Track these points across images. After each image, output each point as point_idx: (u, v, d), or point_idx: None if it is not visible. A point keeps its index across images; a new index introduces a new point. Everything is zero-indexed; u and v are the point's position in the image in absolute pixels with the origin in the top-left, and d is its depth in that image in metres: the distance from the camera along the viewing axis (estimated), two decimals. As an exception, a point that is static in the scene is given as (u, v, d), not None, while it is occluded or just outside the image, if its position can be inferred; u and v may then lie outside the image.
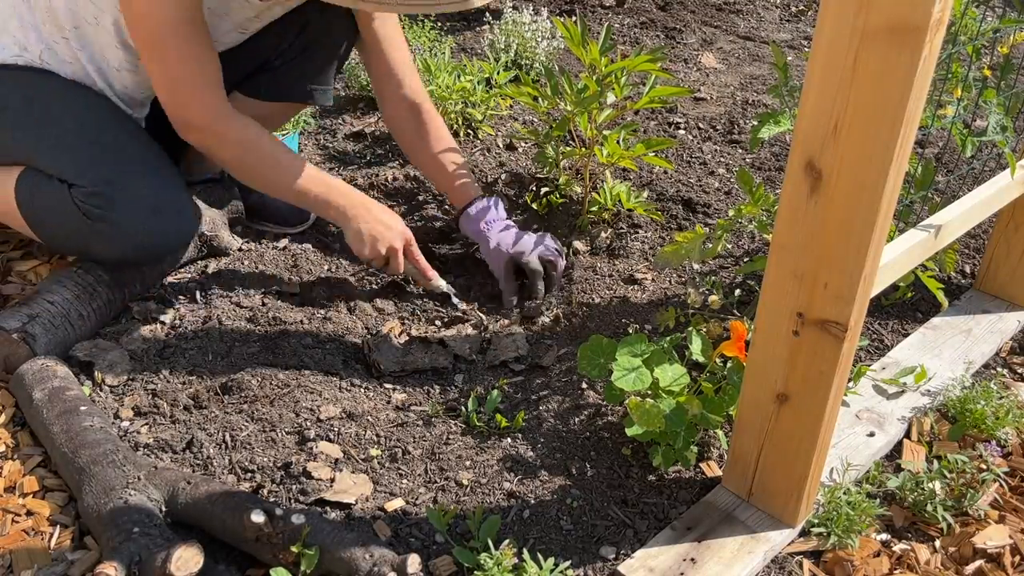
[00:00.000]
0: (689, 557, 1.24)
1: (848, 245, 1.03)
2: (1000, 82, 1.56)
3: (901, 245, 1.29)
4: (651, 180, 2.26)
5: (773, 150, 2.47)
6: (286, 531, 1.17)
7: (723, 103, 2.76)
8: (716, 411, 1.38)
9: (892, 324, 1.80)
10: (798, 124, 1.01)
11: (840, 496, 1.32)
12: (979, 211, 1.47)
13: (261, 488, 1.34)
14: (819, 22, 0.94)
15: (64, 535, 1.27)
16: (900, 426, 1.51)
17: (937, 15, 0.88)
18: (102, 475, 1.27)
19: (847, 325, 1.08)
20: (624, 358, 1.40)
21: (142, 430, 1.44)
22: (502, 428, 1.48)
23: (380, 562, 1.14)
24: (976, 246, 2.08)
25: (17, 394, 1.48)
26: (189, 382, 1.55)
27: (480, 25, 3.10)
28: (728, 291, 1.79)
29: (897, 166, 0.97)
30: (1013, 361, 1.73)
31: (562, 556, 1.25)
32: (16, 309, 1.56)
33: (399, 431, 1.47)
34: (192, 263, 1.85)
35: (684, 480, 1.40)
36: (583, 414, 1.53)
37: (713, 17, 3.49)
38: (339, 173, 2.23)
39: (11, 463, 1.39)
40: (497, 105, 2.51)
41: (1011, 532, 1.34)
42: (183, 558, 1.10)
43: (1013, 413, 1.52)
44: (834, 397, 1.16)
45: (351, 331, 1.70)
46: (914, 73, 0.90)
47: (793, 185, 1.04)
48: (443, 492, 1.36)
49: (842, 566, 1.27)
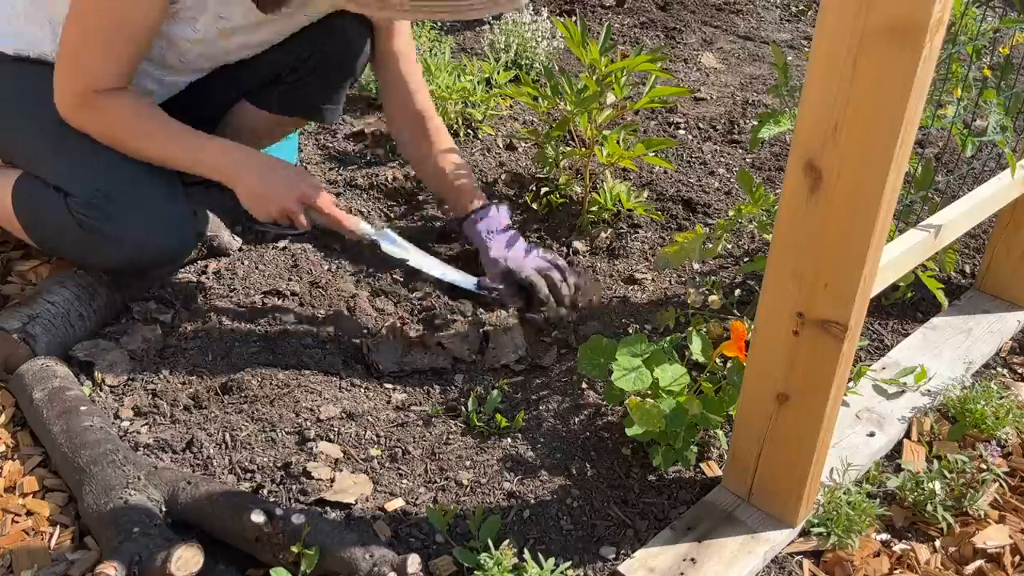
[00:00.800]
0: (689, 557, 1.24)
1: (848, 245, 1.03)
2: (1000, 82, 1.56)
3: (901, 245, 1.29)
4: (651, 180, 2.26)
5: (773, 150, 2.47)
6: (286, 531, 1.17)
7: (723, 103, 2.76)
8: (716, 411, 1.38)
9: (892, 324, 1.80)
10: (798, 124, 1.01)
11: (840, 496, 1.32)
12: (979, 211, 1.47)
13: (261, 488, 1.34)
14: (819, 22, 0.94)
15: (64, 535, 1.27)
16: (900, 426, 1.51)
17: (937, 15, 0.88)
18: (102, 475, 1.27)
19: (847, 325, 1.08)
20: (624, 358, 1.40)
21: (142, 430, 1.44)
22: (502, 428, 1.48)
23: (380, 562, 1.14)
24: (976, 246, 2.08)
25: (17, 394, 1.48)
26: (189, 382, 1.55)
27: (480, 25, 3.10)
28: (728, 291, 1.80)
29: (897, 166, 0.97)
30: (1013, 361, 1.73)
31: (562, 556, 1.25)
32: (16, 309, 1.56)
33: (399, 431, 1.47)
34: (192, 263, 1.85)
35: (684, 480, 1.40)
36: (583, 414, 1.53)
37: (713, 17, 3.49)
38: (339, 173, 2.23)
39: (11, 463, 1.39)
40: (497, 105, 2.51)
41: (1011, 532, 1.34)
42: (183, 558, 1.10)
43: (1013, 413, 1.52)
44: (834, 397, 1.16)
45: (351, 331, 1.70)
46: (914, 73, 0.90)
47: (793, 185, 1.04)
48: (443, 492, 1.36)
49: (842, 566, 1.27)
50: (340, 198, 2.13)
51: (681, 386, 1.39)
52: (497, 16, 2.82)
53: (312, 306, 1.76)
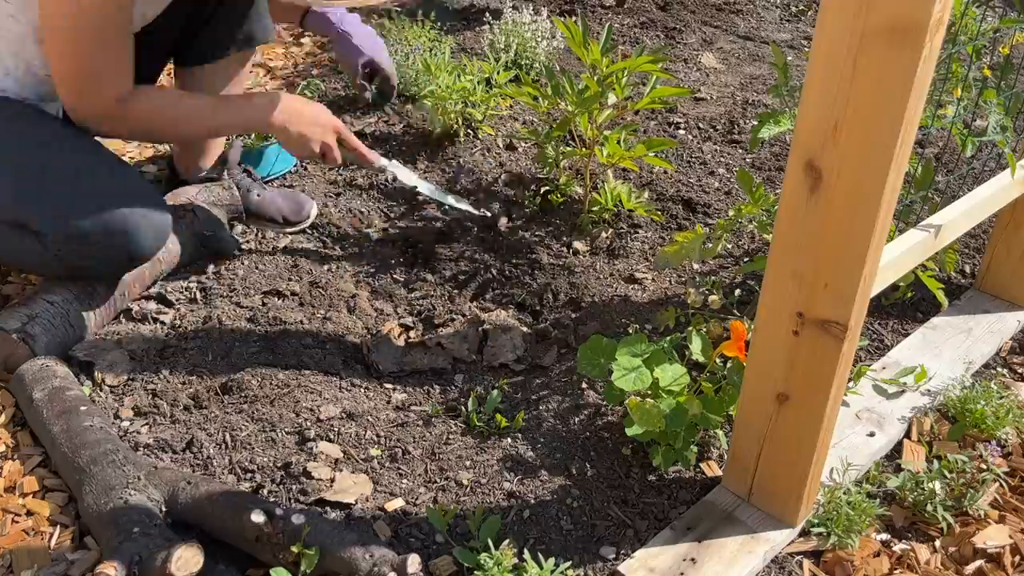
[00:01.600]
0: (689, 557, 1.24)
1: (848, 245, 1.03)
2: (1000, 82, 1.56)
3: (901, 245, 1.29)
4: (651, 180, 2.26)
5: (773, 150, 2.47)
6: (286, 531, 1.17)
7: (723, 103, 2.76)
8: (716, 411, 1.38)
9: (892, 324, 1.80)
10: (798, 124, 1.01)
11: (840, 496, 1.32)
12: (979, 211, 1.47)
13: (261, 488, 1.34)
14: (819, 22, 0.94)
15: (64, 535, 1.27)
16: (900, 426, 1.51)
17: (937, 15, 0.88)
18: (102, 475, 1.27)
19: (847, 325, 1.08)
20: (624, 358, 1.40)
21: (142, 430, 1.44)
22: (502, 428, 1.48)
23: (380, 562, 1.14)
24: (976, 246, 2.08)
25: (17, 394, 1.48)
26: (189, 382, 1.55)
27: (480, 25, 3.09)
28: (728, 291, 1.79)
29: (897, 166, 0.97)
30: (1013, 361, 1.73)
31: (562, 556, 1.25)
32: (16, 309, 1.56)
33: (399, 431, 1.47)
34: (192, 263, 1.85)
35: (684, 480, 1.40)
36: (583, 414, 1.53)
37: (713, 17, 3.49)
38: (339, 173, 2.23)
39: (11, 463, 1.39)
40: (497, 105, 2.51)
41: (1011, 532, 1.34)
42: (183, 558, 1.10)
43: (1013, 413, 1.52)
44: (834, 397, 1.16)
45: (351, 331, 1.70)
46: (914, 73, 0.90)
47: (793, 185, 1.04)
48: (443, 492, 1.36)
49: (842, 566, 1.27)
50: (340, 198, 2.13)
51: (681, 386, 1.39)
52: (497, 16, 2.81)
53: (312, 306, 1.76)
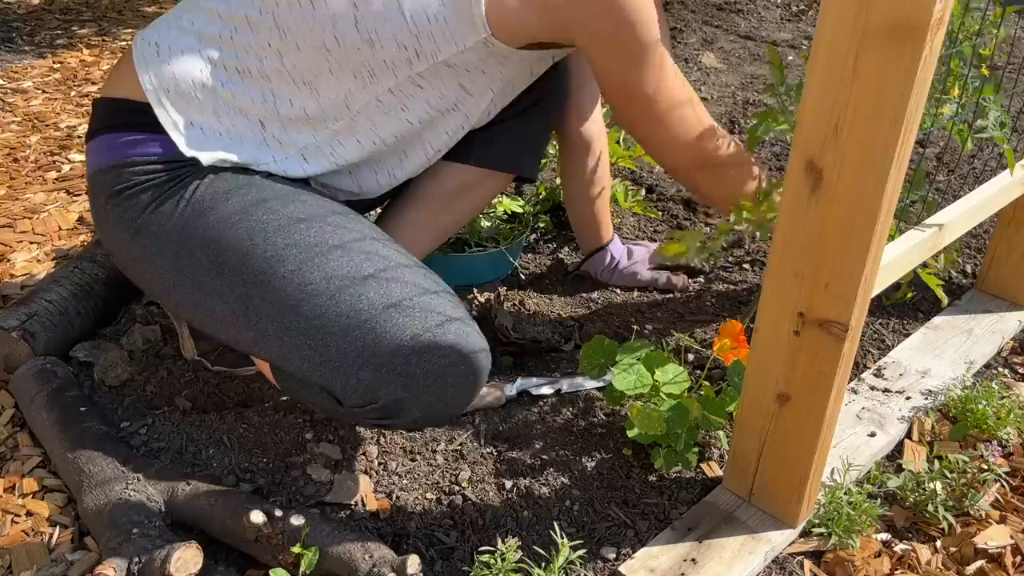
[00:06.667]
0: (690, 557, 1.23)
1: (849, 245, 1.03)
2: (1000, 81, 1.55)
3: (902, 245, 1.29)
4: (651, 180, 2.26)
5: (773, 150, 2.46)
6: (286, 531, 1.16)
7: (723, 103, 2.75)
8: (717, 412, 1.38)
9: (893, 324, 1.80)
10: (798, 124, 1.01)
11: (841, 496, 1.32)
12: (980, 211, 1.47)
13: (260, 489, 1.34)
14: (819, 22, 0.94)
15: (64, 535, 1.27)
16: (901, 426, 1.51)
17: (938, 15, 0.88)
18: (101, 476, 1.27)
19: (848, 325, 1.08)
20: (624, 359, 1.40)
21: (141, 431, 1.44)
22: (502, 428, 1.48)
23: (380, 562, 1.14)
24: (977, 246, 2.08)
25: (17, 395, 1.48)
26: (189, 382, 1.54)
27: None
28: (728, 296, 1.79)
29: (898, 166, 0.97)
30: (1014, 361, 1.72)
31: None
32: (14, 308, 1.56)
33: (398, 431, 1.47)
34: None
35: (685, 480, 1.40)
36: (584, 414, 1.53)
37: (714, 17, 3.49)
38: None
39: (11, 463, 1.39)
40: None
41: (1012, 532, 1.34)
42: (183, 559, 1.10)
43: (1014, 413, 1.51)
44: (835, 397, 1.15)
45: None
46: (915, 73, 0.90)
47: (793, 185, 1.04)
48: (443, 492, 1.36)
49: (843, 566, 1.27)
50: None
51: (681, 387, 1.39)
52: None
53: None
